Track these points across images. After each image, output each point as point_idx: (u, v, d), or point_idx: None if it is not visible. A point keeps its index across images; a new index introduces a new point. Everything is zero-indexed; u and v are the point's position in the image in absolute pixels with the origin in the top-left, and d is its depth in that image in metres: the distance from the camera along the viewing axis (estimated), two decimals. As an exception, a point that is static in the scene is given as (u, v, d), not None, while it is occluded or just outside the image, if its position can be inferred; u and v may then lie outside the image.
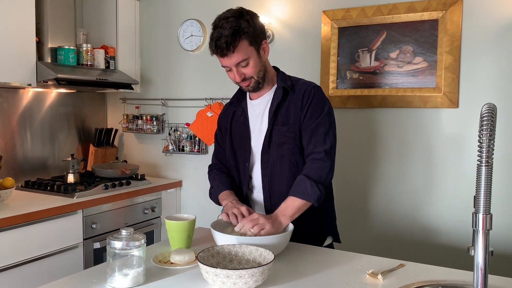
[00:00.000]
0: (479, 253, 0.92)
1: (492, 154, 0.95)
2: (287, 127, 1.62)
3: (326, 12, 2.50)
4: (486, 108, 0.92)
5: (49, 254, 2.22)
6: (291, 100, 1.64)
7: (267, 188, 1.67)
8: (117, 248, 1.22)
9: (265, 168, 1.67)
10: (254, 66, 1.57)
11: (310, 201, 1.52)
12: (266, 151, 1.65)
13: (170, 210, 3.00)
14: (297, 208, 1.51)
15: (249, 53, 1.55)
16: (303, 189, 1.52)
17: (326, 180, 1.56)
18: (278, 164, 1.64)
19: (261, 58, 1.60)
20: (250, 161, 1.71)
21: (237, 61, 1.54)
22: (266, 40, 1.63)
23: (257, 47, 1.57)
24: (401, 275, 1.30)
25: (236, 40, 1.50)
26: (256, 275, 1.14)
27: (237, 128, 1.75)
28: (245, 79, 1.60)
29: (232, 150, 1.76)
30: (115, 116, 3.34)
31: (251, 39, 1.54)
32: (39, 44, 2.64)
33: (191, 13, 2.98)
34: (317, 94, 1.63)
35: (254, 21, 1.56)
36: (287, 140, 1.62)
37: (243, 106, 1.73)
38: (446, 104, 2.23)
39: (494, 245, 2.10)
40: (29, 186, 2.65)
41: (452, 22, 2.20)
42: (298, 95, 1.63)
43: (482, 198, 0.91)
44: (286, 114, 1.63)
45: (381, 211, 2.45)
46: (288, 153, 1.63)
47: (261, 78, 1.62)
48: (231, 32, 1.49)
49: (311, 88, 1.64)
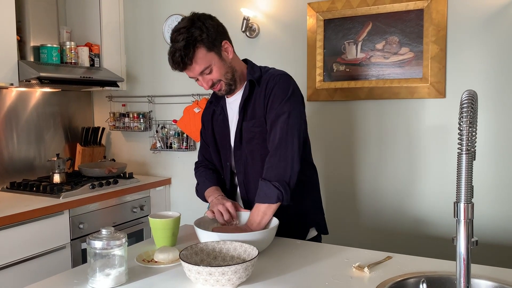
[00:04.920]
0: (461, 243, 0.91)
1: (474, 142, 0.93)
2: (253, 121, 1.58)
3: (311, 4, 2.48)
4: (466, 95, 0.90)
5: (36, 255, 2.19)
6: (257, 93, 1.59)
7: (243, 184, 1.65)
8: (98, 248, 1.19)
9: (239, 165, 1.65)
10: (219, 69, 1.52)
11: (272, 203, 1.46)
12: (238, 148, 1.63)
13: (159, 208, 2.97)
14: (263, 213, 1.47)
15: (210, 59, 1.49)
16: (262, 193, 1.48)
17: (284, 175, 1.48)
18: (250, 159, 1.62)
19: (225, 60, 1.54)
20: (231, 160, 1.69)
21: (199, 70, 1.50)
22: (228, 40, 1.56)
23: (217, 50, 1.51)
24: (387, 267, 1.29)
25: (191, 51, 1.45)
26: (239, 271, 1.12)
27: (217, 127, 1.73)
28: (214, 84, 1.56)
29: (216, 148, 1.75)
30: (101, 115, 3.30)
31: (207, 45, 1.48)
32: (21, 43, 2.59)
33: (175, 8, 2.94)
34: (279, 82, 1.55)
35: (207, 26, 1.48)
36: (255, 135, 1.58)
37: (222, 105, 1.71)
38: (433, 94, 2.22)
39: (479, 234, 2.12)
40: (15, 187, 2.61)
41: (438, 12, 2.18)
42: (262, 86, 1.58)
43: (463, 186, 0.89)
44: (253, 108, 1.59)
45: (368, 203, 2.44)
46: (258, 147, 1.59)
47: (231, 80, 1.57)
48: (184, 45, 1.44)
49: (274, 77, 1.57)
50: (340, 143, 2.49)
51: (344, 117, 2.47)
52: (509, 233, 2.12)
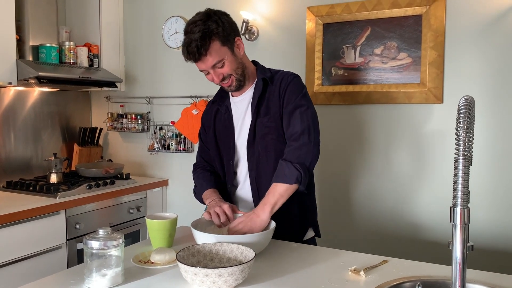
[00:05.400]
0: (457, 248, 0.91)
1: (471, 147, 0.94)
2: (268, 117, 1.61)
3: (311, 8, 2.49)
4: (464, 100, 0.91)
5: (31, 255, 2.18)
6: (271, 91, 1.63)
7: (254, 180, 1.66)
8: (95, 248, 1.19)
9: (251, 162, 1.66)
10: (230, 64, 1.56)
11: (290, 183, 1.48)
12: (251, 145, 1.64)
13: (156, 209, 2.97)
14: (279, 194, 1.49)
15: (223, 53, 1.53)
16: (281, 173, 1.50)
17: (305, 159, 1.51)
18: (264, 155, 1.63)
19: (237, 56, 1.59)
20: (234, 158, 1.70)
21: (212, 63, 1.53)
22: (240, 37, 1.61)
23: (230, 45, 1.56)
24: (383, 271, 1.29)
25: (207, 42, 1.49)
26: (236, 273, 1.13)
27: (220, 126, 1.74)
28: (225, 79, 1.58)
29: (217, 148, 1.75)
30: (99, 115, 3.30)
31: (222, 39, 1.52)
32: (20, 42, 2.59)
33: (175, 9, 2.95)
34: (294, 80, 1.62)
35: (223, 21, 1.54)
36: (270, 130, 1.61)
37: (227, 104, 1.72)
38: (430, 100, 2.23)
39: (475, 239, 2.13)
40: (11, 187, 2.60)
41: (436, 18, 2.19)
42: (276, 85, 1.63)
43: (459, 191, 0.90)
44: (267, 105, 1.63)
45: (365, 208, 2.44)
46: (272, 143, 1.61)
47: (241, 75, 1.61)
48: (200, 36, 1.48)
49: (287, 76, 1.63)
50: (338, 147, 2.50)
51: (342, 121, 2.48)
52: (505, 238, 2.13)
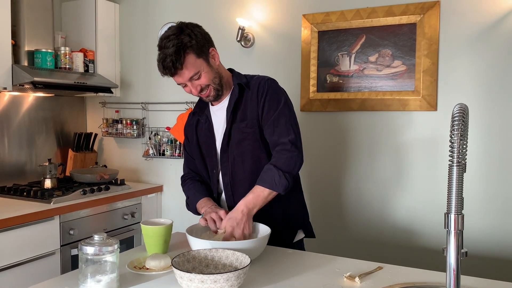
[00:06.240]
0: (451, 254, 0.92)
1: (465, 154, 0.95)
2: (245, 123, 1.62)
3: (306, 16, 2.51)
4: (458, 108, 0.92)
5: (25, 261, 2.17)
6: (247, 97, 1.64)
7: (229, 186, 1.66)
8: (90, 253, 1.19)
9: (224, 167, 1.66)
10: (207, 75, 1.57)
11: (277, 191, 1.52)
12: (225, 150, 1.65)
13: (151, 215, 2.96)
14: (264, 198, 1.52)
15: (199, 65, 1.54)
16: (271, 179, 1.51)
17: (294, 169, 1.55)
18: (240, 161, 1.64)
19: (212, 66, 1.59)
20: (218, 167, 1.70)
21: (189, 75, 1.54)
22: (214, 47, 1.61)
23: (205, 57, 1.56)
24: (378, 277, 1.29)
25: (182, 56, 1.49)
26: (231, 279, 1.13)
27: (202, 136, 1.75)
28: (203, 90, 1.59)
29: (202, 158, 1.76)
30: (94, 120, 3.30)
31: (196, 51, 1.53)
32: (15, 47, 2.59)
33: (171, 16, 2.96)
34: (271, 86, 1.63)
35: (196, 33, 1.54)
36: (247, 136, 1.62)
37: (207, 114, 1.73)
38: (424, 107, 2.25)
39: (469, 246, 2.14)
40: (5, 192, 2.59)
41: (430, 26, 2.22)
42: (253, 90, 1.63)
43: (453, 198, 0.91)
44: (243, 110, 1.63)
45: (358, 214, 2.45)
46: (249, 148, 1.62)
47: (218, 85, 1.61)
48: (174, 50, 1.48)
49: (264, 82, 1.64)
50: (332, 153, 2.51)
51: (336, 127, 2.49)
52: (498, 244, 2.15)
